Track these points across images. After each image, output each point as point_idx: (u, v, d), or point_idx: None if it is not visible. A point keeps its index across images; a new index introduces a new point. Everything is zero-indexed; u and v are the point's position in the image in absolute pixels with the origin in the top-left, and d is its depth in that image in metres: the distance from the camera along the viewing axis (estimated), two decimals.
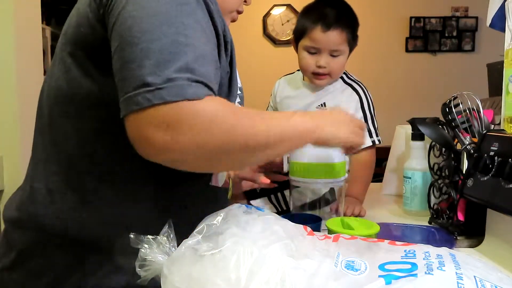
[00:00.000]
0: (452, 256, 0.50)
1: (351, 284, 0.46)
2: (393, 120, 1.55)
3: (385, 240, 0.58)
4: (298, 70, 1.37)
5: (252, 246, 0.49)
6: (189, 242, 0.53)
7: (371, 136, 1.25)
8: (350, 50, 1.27)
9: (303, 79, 1.34)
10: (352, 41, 1.25)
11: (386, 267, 0.48)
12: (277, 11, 3.85)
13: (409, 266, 0.48)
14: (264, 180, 0.99)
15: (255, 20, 3.86)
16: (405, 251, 0.53)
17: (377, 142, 1.26)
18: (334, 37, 1.20)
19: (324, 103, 1.29)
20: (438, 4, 3.92)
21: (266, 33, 3.87)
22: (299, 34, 1.27)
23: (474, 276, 0.45)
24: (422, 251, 0.52)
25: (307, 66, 1.26)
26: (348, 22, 1.22)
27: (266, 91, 1.46)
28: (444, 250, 0.52)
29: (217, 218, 0.57)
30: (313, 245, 0.54)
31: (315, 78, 1.27)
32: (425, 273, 0.46)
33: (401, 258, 0.51)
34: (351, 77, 1.32)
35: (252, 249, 0.49)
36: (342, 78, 1.31)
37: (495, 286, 0.45)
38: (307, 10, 1.26)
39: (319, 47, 1.22)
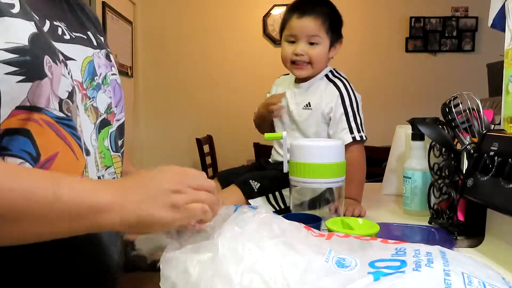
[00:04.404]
0: (442, 254, 0.50)
1: (341, 280, 0.47)
2: (393, 120, 1.55)
3: (378, 239, 0.58)
4: None
5: (247, 244, 0.50)
6: (186, 239, 0.54)
7: (352, 132, 1.22)
8: (332, 44, 1.28)
9: (295, 80, 1.34)
10: (331, 33, 1.27)
11: (376, 264, 0.49)
12: (277, 11, 3.84)
13: (398, 263, 0.48)
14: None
15: (255, 20, 3.86)
16: (396, 249, 0.53)
17: (358, 138, 1.22)
18: (308, 23, 1.24)
19: (309, 103, 1.29)
20: (438, 4, 3.92)
21: (266, 33, 3.87)
22: (281, 28, 1.32)
23: (462, 273, 0.46)
24: (413, 249, 0.52)
25: (286, 55, 1.29)
26: (323, 11, 1.26)
27: (266, 91, 1.45)
28: (435, 248, 0.52)
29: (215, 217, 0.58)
30: (306, 242, 0.55)
31: (295, 68, 1.29)
32: (413, 269, 0.46)
33: (391, 256, 0.51)
34: (336, 75, 1.31)
35: (247, 246, 0.50)
36: (327, 76, 1.30)
37: (483, 282, 0.45)
38: (289, 6, 1.32)
39: (296, 33, 1.26)
